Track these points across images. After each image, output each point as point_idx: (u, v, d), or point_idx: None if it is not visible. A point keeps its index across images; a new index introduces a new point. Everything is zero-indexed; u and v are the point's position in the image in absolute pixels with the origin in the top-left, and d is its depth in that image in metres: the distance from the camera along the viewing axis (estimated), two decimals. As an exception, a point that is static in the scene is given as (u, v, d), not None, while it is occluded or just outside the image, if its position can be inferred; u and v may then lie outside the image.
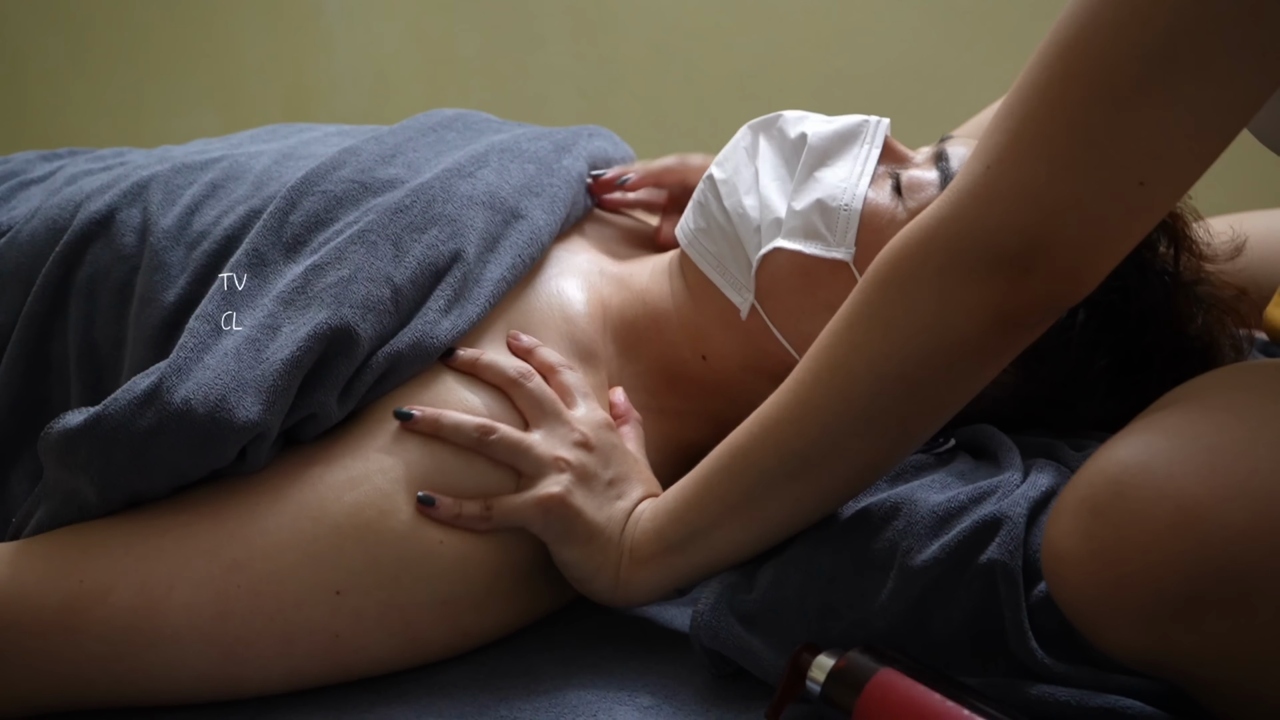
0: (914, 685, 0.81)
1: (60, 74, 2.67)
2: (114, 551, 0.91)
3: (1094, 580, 0.76)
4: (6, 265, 1.09)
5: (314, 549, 0.92)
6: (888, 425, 0.88)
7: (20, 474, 1.05)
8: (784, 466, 0.90)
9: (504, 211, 1.08)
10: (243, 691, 0.93)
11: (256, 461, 0.94)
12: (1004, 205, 0.79)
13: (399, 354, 0.98)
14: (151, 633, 0.90)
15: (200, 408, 0.89)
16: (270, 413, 0.91)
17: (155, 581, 0.90)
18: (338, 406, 0.96)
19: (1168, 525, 0.73)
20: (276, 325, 0.95)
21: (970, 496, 0.94)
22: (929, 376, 0.86)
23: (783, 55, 2.34)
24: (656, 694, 0.93)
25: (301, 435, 0.97)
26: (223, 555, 0.91)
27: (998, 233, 0.80)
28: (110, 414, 0.90)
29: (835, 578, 0.92)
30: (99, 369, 1.04)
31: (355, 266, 0.98)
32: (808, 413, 0.88)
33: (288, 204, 1.03)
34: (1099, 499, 0.76)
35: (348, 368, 0.95)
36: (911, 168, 1.07)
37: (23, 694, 0.91)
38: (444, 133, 1.18)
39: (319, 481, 0.94)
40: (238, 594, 0.90)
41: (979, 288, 0.81)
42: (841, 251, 1.03)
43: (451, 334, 1.00)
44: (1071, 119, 0.77)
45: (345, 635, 0.92)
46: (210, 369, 0.91)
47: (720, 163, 1.11)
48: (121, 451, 0.90)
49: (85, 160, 1.22)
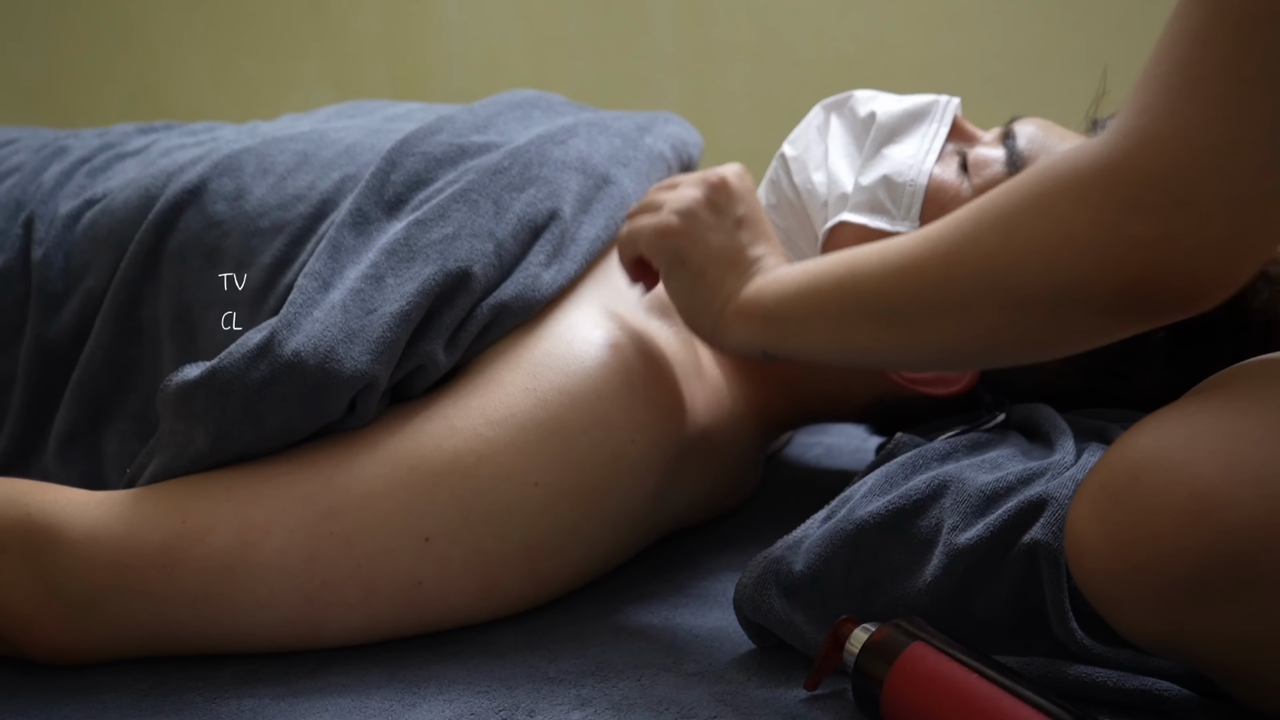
0: (944, 659, 0.82)
1: (181, 49, 2.74)
2: (216, 495, 0.95)
3: (1110, 564, 0.77)
4: (99, 232, 1.13)
5: (408, 496, 0.95)
6: (973, 325, 0.83)
7: (112, 433, 1.10)
8: (877, 305, 0.88)
9: (595, 176, 1.12)
10: (321, 639, 0.97)
11: (366, 414, 0.97)
12: (1154, 150, 0.73)
13: (504, 304, 1.01)
14: (244, 574, 0.94)
15: (310, 359, 0.93)
16: (378, 363, 0.95)
17: (252, 525, 0.94)
18: (445, 356, 0.99)
19: (1182, 511, 0.73)
20: (380, 276, 0.98)
21: (1019, 477, 0.94)
22: (1026, 302, 0.80)
23: (888, 39, 2.33)
24: (700, 661, 0.94)
25: (411, 389, 1.00)
26: (319, 502, 0.95)
27: (1149, 175, 0.73)
28: (225, 366, 0.94)
29: (879, 553, 0.93)
30: (192, 330, 1.08)
31: (459, 224, 1.02)
32: (910, 272, 0.85)
33: (388, 164, 1.07)
34: (1117, 484, 0.77)
35: (454, 318, 0.99)
36: (980, 146, 1.08)
37: (115, 632, 0.95)
38: (529, 109, 1.23)
39: (418, 431, 0.97)
40: (330, 540, 0.94)
41: (1112, 232, 0.74)
42: (906, 225, 1.04)
43: (552, 287, 1.04)
44: (1228, 57, 0.71)
45: (428, 583, 0.96)
46: (319, 322, 0.95)
47: (793, 140, 1.14)
48: (235, 402, 0.94)
49: (179, 134, 1.27)
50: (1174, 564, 0.74)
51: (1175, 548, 0.74)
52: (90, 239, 1.13)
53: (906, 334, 0.87)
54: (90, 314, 1.12)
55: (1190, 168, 0.71)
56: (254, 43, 2.71)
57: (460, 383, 1.00)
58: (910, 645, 0.83)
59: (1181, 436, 0.76)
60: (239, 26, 2.71)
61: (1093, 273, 0.75)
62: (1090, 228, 0.75)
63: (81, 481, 1.07)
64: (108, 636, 0.95)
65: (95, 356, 1.10)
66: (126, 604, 0.94)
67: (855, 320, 0.90)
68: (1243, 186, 0.71)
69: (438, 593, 0.96)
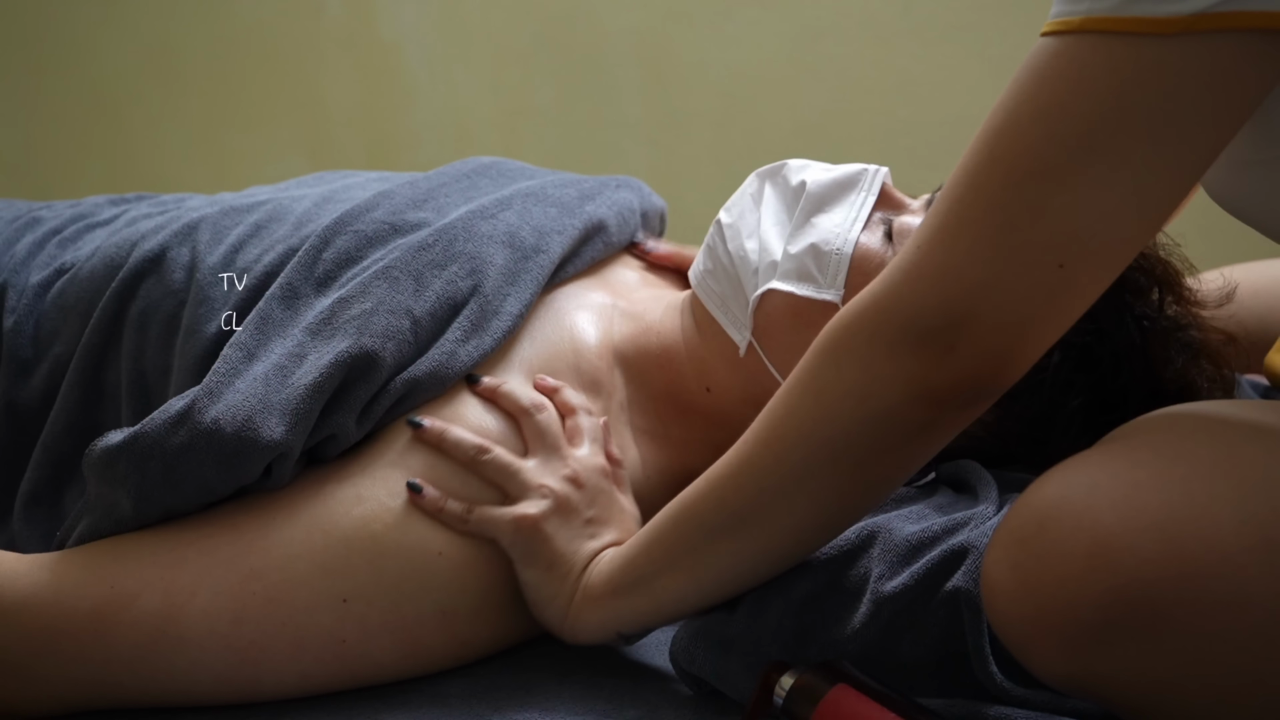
0: (865, 701, 0.85)
1: (158, 121, 2.79)
2: (142, 560, 0.99)
3: (1019, 608, 0.80)
4: (68, 300, 1.17)
5: (324, 559, 0.99)
6: (817, 492, 0.91)
7: (75, 493, 1.13)
8: (722, 521, 0.93)
9: (523, 249, 1.14)
10: (258, 694, 1.00)
11: (281, 478, 1.01)
12: (928, 283, 0.82)
13: (416, 380, 1.05)
14: (175, 636, 0.97)
15: (228, 427, 0.97)
16: (293, 433, 0.98)
17: (179, 588, 0.97)
18: (356, 428, 1.03)
19: (1084, 557, 0.77)
20: (303, 354, 1.02)
21: (943, 527, 0.98)
22: (854, 446, 0.88)
23: (847, 106, 2.38)
24: (641, 708, 0.98)
25: (324, 455, 1.04)
26: (241, 564, 0.98)
27: (922, 309, 0.82)
28: (147, 432, 0.98)
29: (811, 602, 0.97)
30: (147, 395, 1.12)
31: (377, 300, 1.05)
32: (745, 471, 0.92)
33: (322, 242, 1.11)
34: (1025, 531, 0.80)
35: (366, 392, 1.02)
36: (906, 214, 1.12)
37: (56, 692, 0.99)
38: (477, 179, 1.26)
39: (330, 497, 1.01)
40: (253, 601, 0.98)
41: (901, 361, 0.83)
42: (831, 293, 1.08)
43: (467, 362, 1.07)
44: (992, 201, 0.80)
45: (351, 641, 0.99)
46: (240, 392, 0.99)
47: (729, 208, 1.17)
48: (156, 466, 0.98)
49: (148, 205, 1.31)
50: (1078, 607, 0.77)
51: (1078, 591, 0.77)
52: (59, 307, 1.18)
53: (761, 533, 0.93)
54: (58, 379, 1.16)
55: (959, 298, 0.81)
56: (231, 115, 2.76)
57: (371, 451, 1.04)
58: (833, 688, 0.87)
59: (1084, 485, 0.80)
60: (216, 99, 2.76)
61: (899, 400, 0.84)
62: (885, 362, 0.84)
63: (44, 540, 1.10)
64: (49, 696, 0.99)
65: (60, 419, 1.13)
66: (61, 667, 0.98)
67: (704, 547, 0.94)
68: (1009, 314, 0.81)
69: (362, 650, 1.00)
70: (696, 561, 0.95)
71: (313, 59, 2.69)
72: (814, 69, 2.40)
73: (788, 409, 0.90)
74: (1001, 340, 0.82)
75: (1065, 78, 0.78)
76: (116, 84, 2.80)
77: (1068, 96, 0.77)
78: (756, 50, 2.43)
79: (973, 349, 0.82)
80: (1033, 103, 0.79)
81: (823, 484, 0.90)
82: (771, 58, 2.43)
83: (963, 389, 0.84)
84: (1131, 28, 0.75)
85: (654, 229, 1.36)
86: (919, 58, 2.34)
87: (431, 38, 2.61)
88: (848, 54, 2.38)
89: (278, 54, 2.71)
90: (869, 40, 2.36)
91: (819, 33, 2.38)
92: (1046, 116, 0.78)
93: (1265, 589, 0.75)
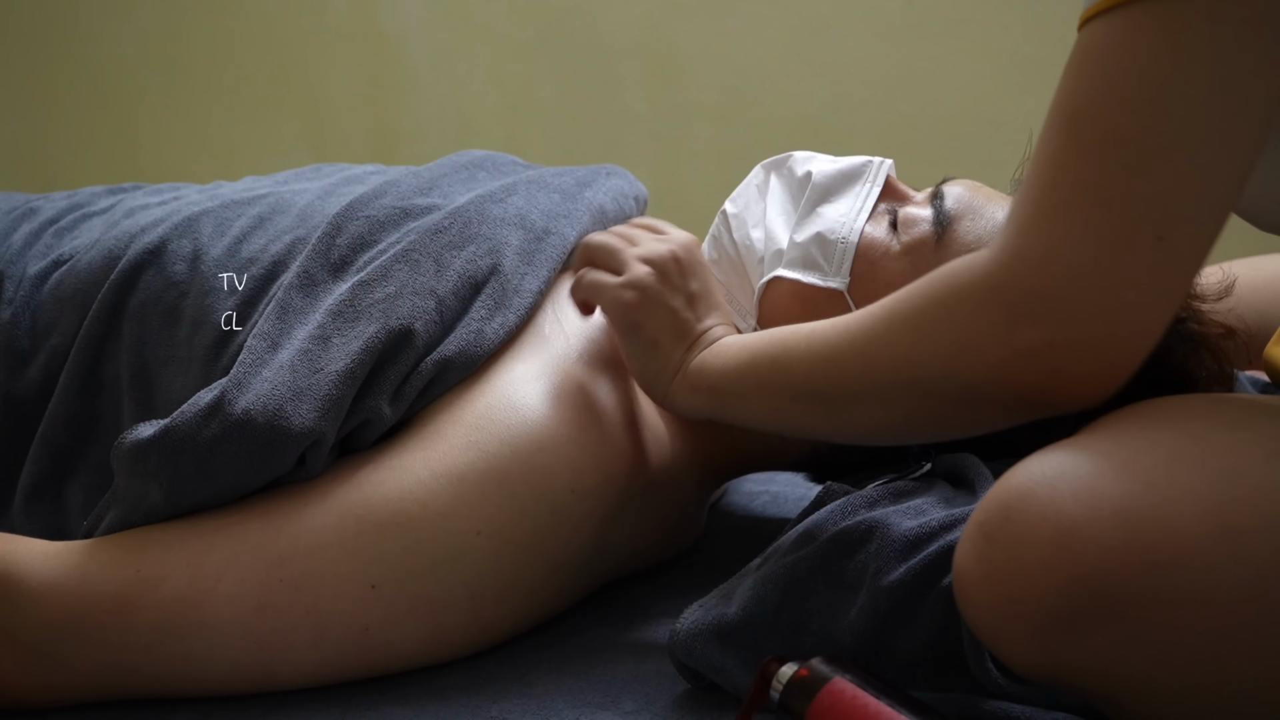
0: (861, 694, 0.85)
1: (163, 113, 2.80)
2: (169, 545, 0.99)
3: (988, 598, 0.80)
4: (65, 292, 1.18)
5: (355, 545, 0.98)
6: (893, 411, 0.92)
7: (75, 486, 1.14)
8: (806, 389, 0.96)
9: (535, 231, 1.16)
10: (274, 683, 1.00)
11: (315, 467, 1.01)
12: (1029, 267, 0.81)
13: (448, 360, 1.05)
14: (197, 621, 0.97)
15: (260, 417, 0.97)
16: (325, 420, 0.98)
17: (205, 573, 0.97)
18: (390, 411, 1.03)
19: (1048, 546, 0.77)
20: (327, 336, 1.02)
21: (941, 523, 0.98)
22: (936, 395, 0.89)
23: (848, 101, 2.39)
24: (638, 700, 0.98)
25: (358, 443, 1.04)
26: (269, 550, 0.98)
27: (1026, 295, 0.81)
28: (178, 425, 0.98)
29: (809, 596, 0.97)
30: (150, 386, 1.12)
31: (401, 283, 1.06)
32: (833, 363, 0.94)
33: (334, 229, 1.11)
34: (992, 523, 0.80)
35: (398, 373, 1.03)
36: (909, 205, 1.12)
37: (73, 678, 0.98)
38: (475, 171, 1.27)
39: (364, 482, 1.01)
40: (279, 588, 0.97)
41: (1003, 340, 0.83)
42: (837, 281, 1.09)
43: (494, 340, 1.08)
44: (1081, 181, 0.79)
45: (374, 628, 0.99)
46: (268, 381, 0.99)
47: (734, 198, 1.19)
48: (188, 460, 0.98)
49: (144, 195, 1.31)
50: (1044, 597, 0.77)
51: (1043, 582, 0.77)
52: (56, 298, 1.18)
53: (834, 416, 0.96)
54: (55, 371, 1.16)
55: (1062, 284, 0.80)
56: (234, 107, 2.76)
57: (406, 436, 1.04)
58: (830, 681, 0.87)
59: (1049, 475, 0.80)
60: (219, 92, 2.77)
61: (989, 378, 0.85)
62: (984, 337, 0.84)
63: (46, 533, 1.10)
64: (65, 682, 0.99)
65: (58, 412, 1.14)
66: (83, 650, 0.97)
67: (788, 400, 0.97)
68: (1112, 297, 0.80)
69: (384, 638, 1.00)
70: (779, 403, 0.98)
71: (315, 52, 2.70)
72: (816, 63, 2.40)
73: (887, 333, 0.90)
74: (1105, 334, 0.81)
75: (1123, 50, 0.78)
76: (120, 76, 2.81)
77: (1130, 64, 0.78)
78: (758, 44, 2.43)
79: (1077, 342, 0.81)
80: (1099, 79, 0.79)
81: (897, 408, 0.92)
82: (773, 51, 2.43)
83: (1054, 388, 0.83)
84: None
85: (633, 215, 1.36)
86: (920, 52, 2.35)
87: (434, 30, 2.61)
88: (849, 48, 2.38)
89: (281, 46, 2.72)
90: (870, 34, 2.36)
91: (821, 27, 2.39)
92: (1112, 86, 0.79)
93: (1229, 577, 0.75)
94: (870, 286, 1.08)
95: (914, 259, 1.09)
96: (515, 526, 1.01)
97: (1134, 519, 0.76)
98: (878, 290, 1.07)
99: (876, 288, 1.05)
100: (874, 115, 2.38)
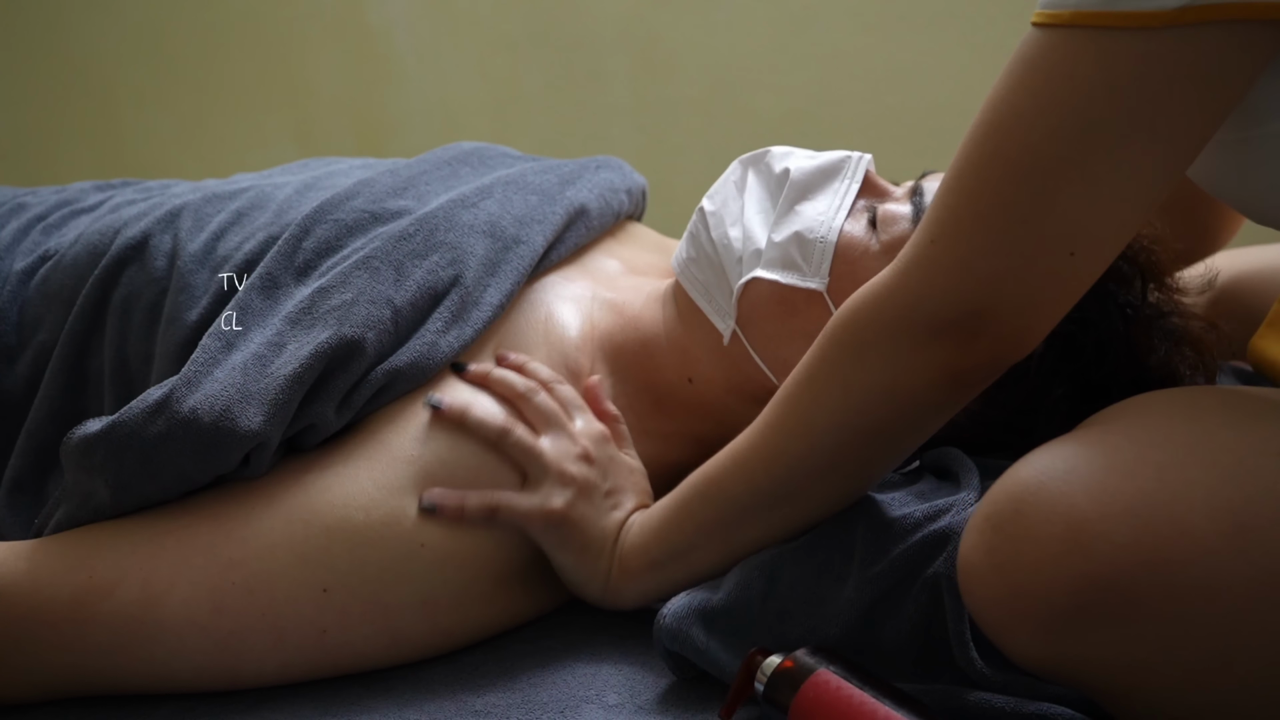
0: (845, 685, 0.86)
1: (147, 108, 2.79)
2: (121, 549, 0.99)
3: (995, 592, 0.81)
4: (51, 287, 1.17)
5: (304, 549, 0.99)
6: (848, 469, 0.96)
7: (58, 480, 1.13)
8: (754, 499, 0.97)
9: (504, 239, 1.14)
10: (238, 683, 1.00)
11: (259, 468, 1.01)
12: (946, 277, 0.86)
13: (398, 370, 1.04)
14: (153, 625, 0.97)
15: (206, 417, 0.97)
16: (271, 423, 0.98)
17: (158, 578, 0.98)
18: (335, 417, 1.03)
19: (1059, 541, 0.77)
20: (282, 343, 1.02)
21: (926, 514, 0.99)
22: (884, 428, 0.93)
23: (835, 93, 2.38)
24: (622, 694, 0.98)
25: (303, 444, 1.04)
26: (220, 554, 0.98)
27: (942, 302, 0.86)
28: (124, 421, 0.98)
29: (795, 585, 0.97)
30: (129, 382, 1.12)
31: (358, 290, 1.05)
32: (775, 455, 0.96)
33: (301, 231, 1.11)
34: (1001, 516, 0.81)
35: (346, 381, 1.02)
36: (889, 202, 1.12)
37: (35, 680, 0.99)
38: (458, 167, 1.26)
39: (311, 486, 1.01)
40: (232, 590, 0.98)
41: (927, 351, 0.88)
42: (816, 282, 1.08)
43: (447, 353, 1.07)
44: (1001, 196, 0.83)
45: (332, 631, 0.99)
46: (218, 381, 0.99)
47: (712, 195, 1.17)
48: (133, 455, 0.98)
49: (133, 191, 1.31)
50: (1052, 591, 0.78)
51: (1053, 576, 0.78)
52: (43, 294, 1.17)
53: (794, 508, 0.98)
54: (42, 366, 1.15)
55: (979, 290, 0.85)
56: (219, 101, 2.76)
57: (352, 441, 1.04)
58: (814, 673, 0.87)
59: (1061, 470, 0.80)
60: (205, 86, 2.76)
61: (926, 386, 0.89)
62: (911, 353, 0.88)
63: (28, 528, 1.10)
64: (27, 683, 0.99)
65: (43, 407, 1.13)
66: (40, 655, 0.98)
67: (737, 521, 0.99)
68: (1024, 300, 0.85)
69: (343, 640, 1.00)
70: (730, 534, 0.99)
71: (301, 45, 2.69)
72: (801, 55, 2.40)
73: (814, 400, 0.93)
74: (1019, 322, 0.86)
75: (1059, 72, 0.80)
76: (104, 70, 2.80)
77: (1062, 91, 0.80)
78: (744, 36, 2.43)
79: (993, 333, 0.86)
80: (1029, 97, 0.81)
81: (854, 462, 0.95)
82: (760, 44, 2.42)
83: (984, 367, 0.89)
84: (1119, 22, 0.77)
85: (637, 206, 1.36)
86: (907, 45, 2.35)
87: (420, 23, 2.61)
88: (835, 41, 2.38)
89: (266, 40, 2.71)
90: (856, 27, 2.36)
91: (806, 19, 2.38)
92: (1043, 111, 0.80)
93: (1238, 575, 0.75)
94: (850, 287, 1.08)
95: (893, 258, 1.08)
96: (456, 543, 1.02)
97: (1146, 516, 0.76)
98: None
99: (856, 287, 1.06)
100: (860, 108, 2.38)
